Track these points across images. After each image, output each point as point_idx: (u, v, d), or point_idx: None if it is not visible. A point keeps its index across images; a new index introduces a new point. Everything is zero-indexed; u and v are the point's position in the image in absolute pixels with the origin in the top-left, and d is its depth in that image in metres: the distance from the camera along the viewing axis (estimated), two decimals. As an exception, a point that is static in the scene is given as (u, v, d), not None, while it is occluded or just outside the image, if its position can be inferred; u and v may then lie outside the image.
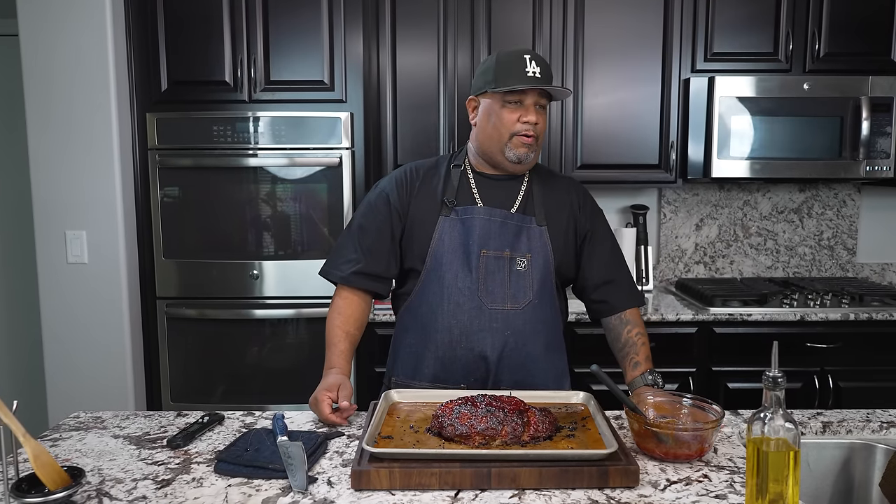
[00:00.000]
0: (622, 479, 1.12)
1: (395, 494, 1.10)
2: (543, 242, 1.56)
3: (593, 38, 2.71)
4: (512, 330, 1.53)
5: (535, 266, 1.55)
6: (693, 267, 3.12)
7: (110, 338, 2.52)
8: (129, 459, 1.25)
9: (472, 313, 1.52)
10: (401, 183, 1.60)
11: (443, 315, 1.53)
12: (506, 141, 1.53)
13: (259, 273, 2.58)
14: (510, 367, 1.54)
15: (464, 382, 1.54)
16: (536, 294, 1.54)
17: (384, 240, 1.58)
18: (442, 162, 1.64)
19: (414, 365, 1.59)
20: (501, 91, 1.50)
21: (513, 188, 1.60)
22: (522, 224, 1.56)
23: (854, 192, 3.09)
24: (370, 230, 1.59)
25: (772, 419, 0.95)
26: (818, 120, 2.66)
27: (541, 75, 1.50)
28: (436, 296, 1.54)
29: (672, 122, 2.73)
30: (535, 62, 1.50)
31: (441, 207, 1.56)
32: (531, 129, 1.51)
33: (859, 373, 2.53)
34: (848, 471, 1.41)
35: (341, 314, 1.58)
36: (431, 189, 1.59)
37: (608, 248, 1.64)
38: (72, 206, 2.48)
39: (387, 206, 1.59)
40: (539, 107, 1.53)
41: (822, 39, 2.70)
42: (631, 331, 1.58)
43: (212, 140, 2.55)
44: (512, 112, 1.51)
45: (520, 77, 1.49)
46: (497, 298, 1.53)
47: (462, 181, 1.60)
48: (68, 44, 2.42)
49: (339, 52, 2.55)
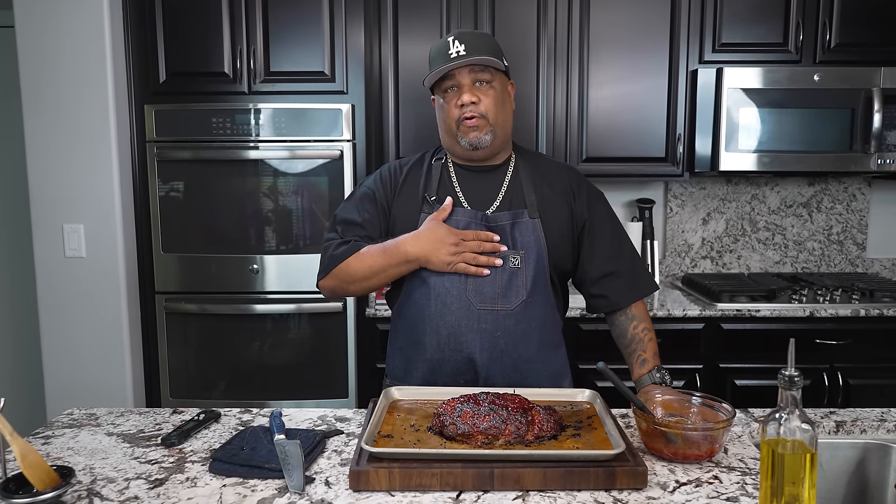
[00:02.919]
0: (630, 480, 1.08)
1: (395, 496, 1.07)
2: (537, 236, 1.47)
3: (599, 28, 2.66)
4: (502, 331, 1.45)
5: (529, 262, 1.46)
6: (700, 262, 3.08)
7: (109, 333, 2.49)
8: (122, 458, 1.22)
9: (459, 314, 1.44)
10: (385, 180, 1.55)
11: (430, 316, 1.46)
12: (454, 131, 1.47)
13: (259, 267, 2.55)
14: (501, 369, 1.46)
15: (454, 386, 1.46)
16: (529, 292, 1.46)
17: (373, 231, 1.52)
18: (426, 156, 1.59)
19: (405, 368, 1.53)
20: (429, 82, 1.47)
21: (496, 179, 1.53)
22: (514, 220, 1.48)
23: (864, 186, 3.03)
24: (354, 224, 1.52)
25: (788, 420, 0.91)
26: (828, 112, 2.60)
27: (465, 51, 1.41)
28: (423, 297, 1.47)
29: (679, 115, 2.68)
30: (460, 41, 1.43)
31: (423, 203, 1.51)
32: (470, 109, 1.44)
33: (869, 370, 2.48)
34: (862, 471, 1.37)
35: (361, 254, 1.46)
36: (414, 186, 1.53)
37: (608, 236, 1.55)
38: (69, 199, 2.44)
39: (372, 202, 1.53)
40: (480, 83, 1.45)
41: (832, 30, 2.64)
42: (637, 326, 1.52)
43: (211, 132, 2.51)
44: (451, 98, 1.46)
45: (442, 61, 1.44)
46: (486, 298, 1.44)
47: (443, 175, 1.53)
48: (65, 35, 2.38)
49: (339, 43, 2.51)
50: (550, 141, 2.69)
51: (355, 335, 2.56)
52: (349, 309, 2.55)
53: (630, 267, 1.55)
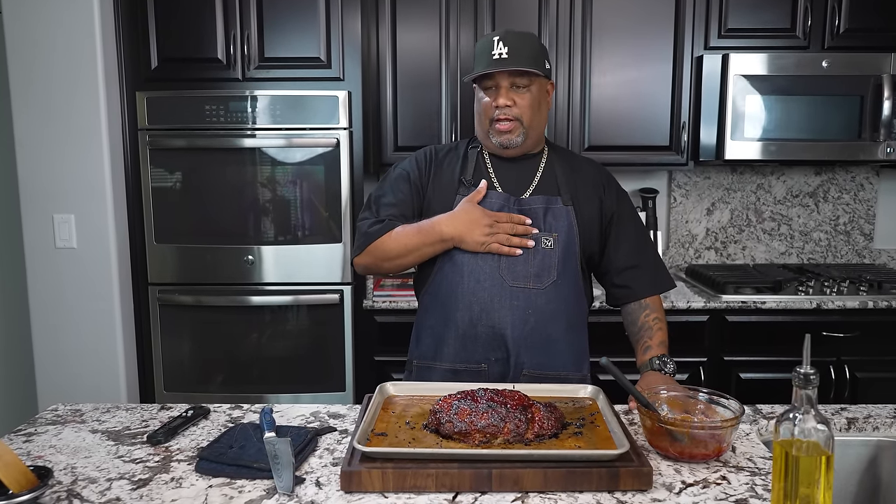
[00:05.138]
0: (634, 481, 1.03)
1: (389, 497, 1.02)
2: (569, 222, 1.52)
3: (602, 12, 2.59)
4: (533, 309, 1.48)
5: (560, 245, 1.51)
6: (704, 253, 3.02)
7: (101, 325, 2.44)
8: (105, 457, 1.17)
9: (492, 291, 1.48)
10: (420, 163, 1.60)
11: (463, 293, 1.49)
12: (487, 128, 1.53)
13: (255, 258, 2.50)
14: (530, 346, 1.49)
15: (484, 362, 1.50)
16: (560, 274, 1.50)
17: (406, 211, 1.55)
18: (461, 144, 1.64)
19: (435, 346, 1.55)
20: (470, 80, 1.51)
21: (529, 169, 1.58)
22: (548, 205, 1.52)
23: (872, 176, 2.97)
24: (387, 204, 1.56)
25: (803, 420, 0.86)
26: (837, 99, 2.54)
27: (508, 55, 1.45)
28: (456, 273, 1.50)
29: (684, 102, 2.62)
30: (504, 42, 1.46)
31: (458, 186, 1.55)
32: (504, 112, 1.48)
33: (877, 363, 2.43)
34: (875, 469, 1.32)
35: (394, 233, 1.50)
36: (450, 169, 1.58)
37: (633, 231, 1.61)
38: (59, 188, 2.38)
39: (407, 182, 1.57)
40: (517, 87, 1.49)
41: (842, 15, 2.57)
42: (649, 315, 1.55)
43: (204, 120, 2.44)
44: (488, 97, 1.51)
45: (486, 62, 1.47)
46: (519, 276, 1.48)
47: (479, 162, 1.59)
48: (53, 20, 2.32)
49: (336, 28, 2.44)
50: (552, 129, 2.63)
51: (353, 327, 2.51)
52: (346, 301, 2.50)
53: (653, 262, 1.62)
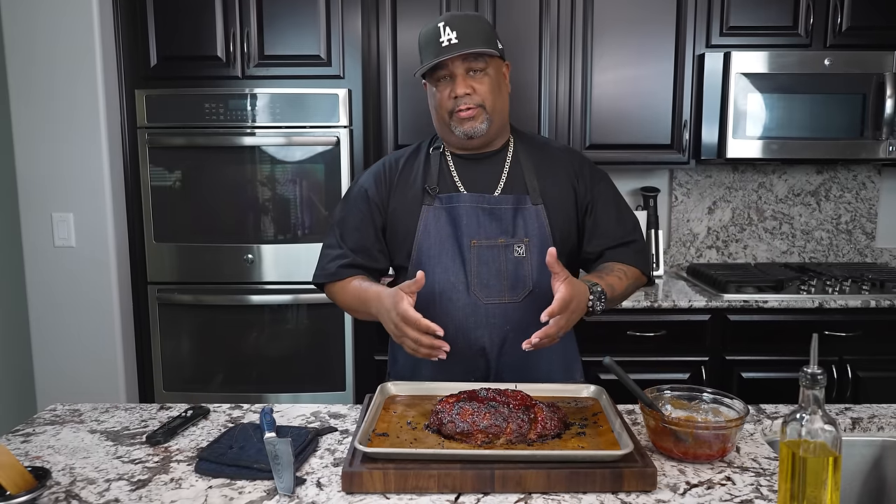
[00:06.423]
0: (638, 482, 1.02)
1: (390, 498, 1.01)
2: (541, 223, 1.43)
3: (603, 10, 2.58)
4: (511, 325, 1.40)
5: (534, 251, 1.41)
6: (705, 252, 3.01)
7: (100, 324, 2.43)
8: (104, 457, 1.16)
9: (466, 310, 1.40)
10: (378, 177, 1.49)
11: (435, 313, 1.38)
12: (448, 121, 1.42)
13: (254, 257, 2.49)
14: (511, 362, 1.42)
15: (464, 381, 1.40)
16: (536, 282, 1.41)
17: (367, 236, 1.48)
18: (423, 146, 1.53)
19: (412, 366, 1.47)
20: (420, 73, 1.41)
21: (495, 165, 1.47)
22: (517, 206, 1.43)
23: (874, 174, 2.96)
24: (351, 227, 1.48)
25: (810, 421, 0.85)
26: (839, 97, 2.53)
27: (458, 39, 1.34)
28: (427, 293, 1.38)
29: (685, 100, 2.61)
30: (451, 27, 1.35)
31: (423, 196, 1.44)
32: (465, 101, 1.38)
33: (880, 362, 2.42)
34: (879, 470, 1.31)
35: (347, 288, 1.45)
36: (412, 178, 1.48)
37: (613, 217, 1.49)
38: (58, 187, 2.38)
39: (366, 202, 1.48)
40: (473, 72, 1.38)
41: (844, 13, 2.56)
42: (614, 265, 1.45)
43: (204, 118, 2.43)
44: (444, 88, 1.40)
45: (434, 50, 1.36)
46: (493, 291, 1.40)
47: (442, 165, 1.48)
48: (52, 18, 2.31)
49: (336, 26, 2.43)
50: (553, 128, 2.62)
51: (353, 326, 2.50)
52: (346, 300, 2.49)
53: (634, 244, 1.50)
